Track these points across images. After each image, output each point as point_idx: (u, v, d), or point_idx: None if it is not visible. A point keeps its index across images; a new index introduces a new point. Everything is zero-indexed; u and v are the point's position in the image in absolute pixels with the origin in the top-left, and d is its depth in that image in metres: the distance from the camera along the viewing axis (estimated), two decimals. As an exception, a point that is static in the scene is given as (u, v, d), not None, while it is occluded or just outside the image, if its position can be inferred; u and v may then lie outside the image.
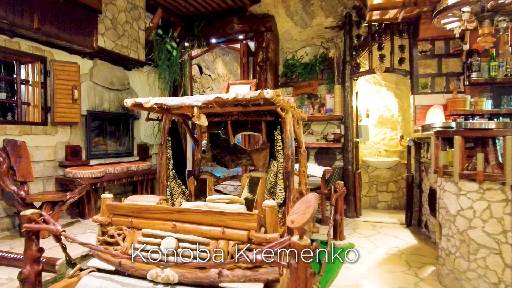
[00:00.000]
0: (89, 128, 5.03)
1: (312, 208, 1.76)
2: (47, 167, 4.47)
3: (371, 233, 4.69)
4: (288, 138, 3.09)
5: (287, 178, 3.09)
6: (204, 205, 2.45)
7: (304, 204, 1.84)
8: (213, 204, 2.45)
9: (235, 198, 2.58)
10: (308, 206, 1.78)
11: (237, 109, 3.36)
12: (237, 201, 2.59)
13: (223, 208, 2.41)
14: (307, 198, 1.86)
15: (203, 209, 2.42)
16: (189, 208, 2.47)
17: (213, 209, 2.40)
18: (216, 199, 2.61)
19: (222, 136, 4.36)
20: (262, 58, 6.02)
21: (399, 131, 6.75)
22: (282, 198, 3.15)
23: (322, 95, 6.07)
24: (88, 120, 4.99)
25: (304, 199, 1.88)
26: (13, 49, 4.08)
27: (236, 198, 2.59)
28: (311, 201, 1.80)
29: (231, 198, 2.58)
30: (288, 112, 3.13)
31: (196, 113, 2.85)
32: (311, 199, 1.82)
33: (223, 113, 4.11)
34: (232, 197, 2.59)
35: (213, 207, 2.43)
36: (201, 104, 2.82)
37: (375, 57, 5.47)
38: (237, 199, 2.59)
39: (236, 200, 2.58)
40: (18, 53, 4.15)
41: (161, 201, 2.68)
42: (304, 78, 6.11)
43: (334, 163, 6.06)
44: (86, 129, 4.98)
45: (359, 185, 5.67)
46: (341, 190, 4.08)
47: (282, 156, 3.19)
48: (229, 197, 2.59)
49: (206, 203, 2.46)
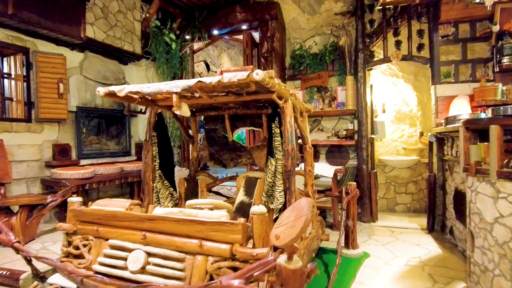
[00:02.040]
0: (80, 125, 4.68)
1: (304, 218, 1.30)
2: (32, 168, 4.14)
3: (389, 240, 4.16)
4: (287, 132, 2.62)
5: (287, 178, 2.62)
6: (179, 212, 2.01)
7: (294, 213, 1.37)
8: (190, 211, 2.00)
9: (220, 203, 2.13)
10: (299, 216, 1.32)
11: (229, 99, 2.90)
12: (222, 206, 2.14)
13: (202, 216, 1.97)
14: (299, 204, 1.40)
15: (177, 217, 1.98)
16: (161, 215, 2.04)
17: (189, 217, 1.96)
18: (195, 204, 2.17)
19: (220, 132, 3.92)
20: (267, 48, 5.56)
21: (418, 127, 6.17)
22: (281, 202, 2.68)
23: (333, 88, 5.55)
24: (78, 117, 4.65)
25: (295, 206, 1.42)
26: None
27: (221, 203, 2.13)
28: (303, 209, 1.34)
29: (215, 203, 2.13)
30: (287, 101, 2.67)
31: (175, 101, 2.42)
32: (303, 206, 1.36)
33: (219, 106, 3.68)
34: (216, 201, 2.14)
35: (189, 214, 1.99)
36: (180, 90, 2.39)
37: (391, 45, 4.93)
38: (222, 204, 2.14)
39: (220, 206, 2.13)
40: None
41: (132, 206, 2.25)
42: (313, 69, 5.61)
43: (347, 162, 5.54)
44: (76, 126, 4.64)
45: (375, 186, 5.12)
46: (354, 192, 3.57)
47: (281, 152, 2.72)
48: (212, 202, 2.14)
49: (182, 210, 2.02)
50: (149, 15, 5.57)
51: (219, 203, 2.10)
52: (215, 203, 2.09)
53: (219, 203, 2.10)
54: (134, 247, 2.08)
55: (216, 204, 2.09)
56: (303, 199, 1.46)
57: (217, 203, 2.10)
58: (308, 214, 1.31)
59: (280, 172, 2.70)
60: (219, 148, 3.91)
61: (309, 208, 1.35)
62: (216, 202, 2.11)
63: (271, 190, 2.77)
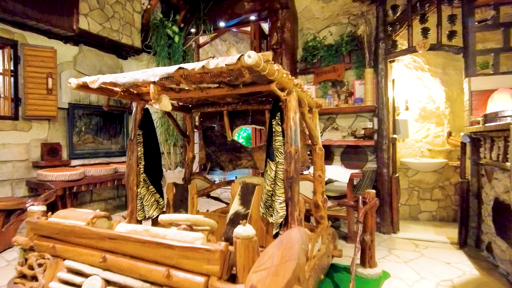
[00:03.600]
0: (72, 123, 4.34)
1: (294, 264, 0.83)
2: (17, 168, 3.81)
3: (413, 256, 3.60)
4: (291, 130, 2.15)
5: (290, 186, 2.14)
6: (144, 231, 1.57)
7: (280, 251, 0.91)
8: (158, 230, 1.56)
9: (199, 219, 1.68)
10: (287, 259, 0.85)
11: (224, 92, 2.45)
12: (202, 223, 1.69)
13: (171, 237, 1.52)
14: (288, 238, 0.94)
15: (140, 237, 1.54)
16: (122, 234, 1.61)
17: (155, 239, 1.52)
18: (169, 220, 1.72)
19: (218, 131, 3.48)
20: (277, 40, 5.08)
21: (446, 126, 5.55)
22: (282, 216, 2.21)
23: (350, 82, 5.01)
24: (70, 114, 4.30)
25: (283, 240, 0.96)
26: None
27: (201, 220, 1.68)
28: (293, 247, 0.88)
29: (193, 220, 1.68)
30: (291, 93, 2.19)
31: (152, 93, 1.99)
32: (294, 242, 0.90)
33: (216, 102, 3.24)
34: (195, 217, 1.69)
35: (156, 234, 1.55)
36: (158, 78, 1.96)
37: (416, 34, 4.35)
38: (202, 221, 1.68)
39: (200, 223, 1.68)
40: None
41: (95, 219, 1.83)
42: (328, 62, 5.08)
43: (364, 165, 4.99)
44: (68, 124, 4.30)
45: (397, 193, 4.56)
46: (372, 202, 3.05)
47: (283, 155, 2.25)
48: (188, 218, 1.69)
49: (147, 228, 1.58)
50: (151, 6, 5.20)
51: (199, 220, 1.65)
52: (193, 220, 1.65)
53: (198, 219, 1.65)
54: (91, 272, 1.66)
55: (195, 221, 1.65)
56: (295, 231, 1.00)
57: (196, 219, 1.65)
58: (299, 257, 0.84)
59: (281, 179, 2.23)
60: (216, 149, 3.47)
61: (301, 247, 0.88)
62: (195, 218, 1.66)
63: (270, 200, 2.30)
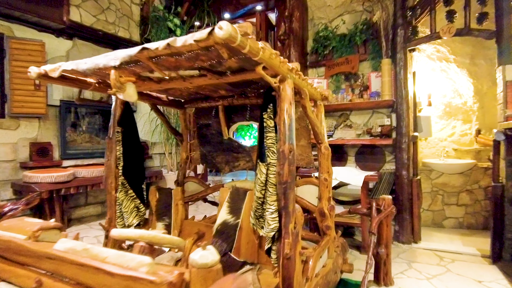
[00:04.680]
0: (65, 121, 4.09)
1: None
2: (3, 169, 3.58)
3: (437, 272, 3.13)
4: (284, 124, 1.76)
5: (283, 192, 1.76)
6: (83, 250, 1.22)
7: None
8: (100, 250, 1.21)
9: (156, 236, 1.31)
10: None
11: (208, 81, 2.08)
12: (160, 242, 1.33)
13: (113, 259, 1.17)
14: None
15: (78, 258, 1.20)
16: (59, 254, 1.27)
17: (93, 262, 1.17)
18: (119, 236, 1.37)
19: (214, 128, 3.12)
20: (284, 30, 4.68)
21: (474, 123, 5.00)
22: (274, 228, 1.82)
23: (365, 75, 4.56)
24: (62, 112, 4.05)
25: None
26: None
27: (158, 237, 1.32)
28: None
29: (148, 237, 1.31)
30: (285, 80, 1.80)
31: (113, 79, 1.65)
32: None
33: (211, 96, 2.89)
34: (151, 234, 1.32)
35: (95, 256, 1.19)
36: (119, 62, 1.62)
37: (440, 20, 3.87)
38: (159, 239, 1.32)
39: (157, 241, 1.32)
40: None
41: (39, 232, 1.50)
42: (340, 53, 4.64)
43: (382, 167, 4.52)
44: (60, 123, 4.05)
45: (418, 197, 4.07)
46: (388, 210, 2.61)
47: (276, 154, 1.86)
48: (142, 235, 1.32)
49: (88, 248, 1.23)
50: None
51: (156, 237, 1.29)
52: (148, 238, 1.29)
53: (154, 236, 1.29)
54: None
55: (150, 239, 1.29)
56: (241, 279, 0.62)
57: (152, 237, 1.29)
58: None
59: (273, 184, 1.84)
60: (211, 148, 3.11)
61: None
62: (150, 235, 1.30)
63: (260, 209, 1.92)
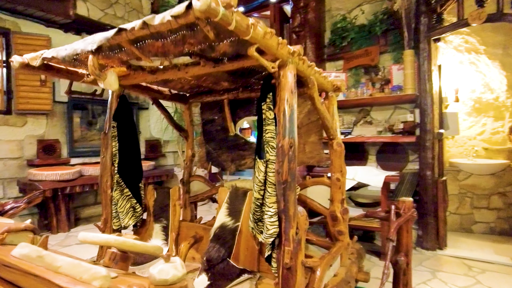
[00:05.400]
0: (72, 118, 4.02)
1: None
2: (9, 167, 3.54)
3: (465, 283, 2.81)
4: (284, 116, 1.55)
5: (283, 193, 1.54)
6: (37, 258, 1.05)
7: None
8: (53, 258, 1.03)
9: (125, 242, 1.13)
10: None
11: (204, 70, 1.90)
12: (131, 248, 1.14)
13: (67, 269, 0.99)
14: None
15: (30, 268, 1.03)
16: (13, 261, 1.11)
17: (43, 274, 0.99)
18: (84, 239, 1.19)
19: (219, 124, 2.94)
20: (300, 22, 4.44)
21: (507, 120, 4.56)
22: (273, 233, 1.60)
23: (386, 68, 4.24)
24: (70, 109, 3.98)
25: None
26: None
27: (128, 243, 1.13)
28: None
29: (115, 243, 1.13)
30: (285, 65, 1.59)
31: (91, 66, 1.48)
32: None
33: (215, 89, 2.71)
34: (118, 240, 1.13)
35: (49, 264, 1.02)
36: (96, 46, 1.45)
37: (469, 6, 3.51)
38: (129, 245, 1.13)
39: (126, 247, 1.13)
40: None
41: (4, 234, 1.35)
42: (359, 45, 4.35)
43: (405, 167, 4.20)
44: (68, 120, 3.98)
45: (444, 200, 3.73)
46: (408, 214, 2.33)
47: (275, 150, 1.64)
48: (108, 240, 1.14)
49: (43, 255, 1.06)
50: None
51: (126, 243, 1.10)
52: (115, 243, 1.11)
53: (123, 242, 1.11)
54: (-16, 313, 1.18)
55: (118, 245, 1.10)
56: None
57: (120, 242, 1.11)
58: None
59: (272, 183, 1.62)
60: (216, 146, 2.92)
61: None
62: (118, 241, 1.12)
63: (259, 211, 1.71)
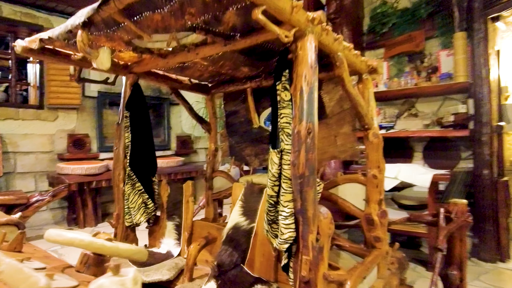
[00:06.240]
0: (102, 113, 4.01)
1: None
2: (40, 160, 3.58)
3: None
4: (301, 95, 1.29)
5: (299, 190, 1.28)
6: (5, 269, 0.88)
7: None
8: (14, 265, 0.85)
9: (94, 243, 0.93)
10: None
11: (215, 50, 1.69)
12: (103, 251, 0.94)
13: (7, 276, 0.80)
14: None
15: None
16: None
17: None
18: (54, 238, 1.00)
19: (242, 116, 2.72)
20: (335, 8, 4.10)
21: None
22: (288, 239, 1.33)
23: (433, 54, 3.77)
24: (100, 104, 3.98)
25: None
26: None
27: (98, 244, 0.93)
28: None
29: (86, 243, 0.93)
30: (303, 36, 1.32)
31: (80, 41, 1.32)
32: None
33: (236, 77, 2.49)
34: (91, 241, 0.93)
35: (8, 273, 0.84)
36: (85, 18, 1.28)
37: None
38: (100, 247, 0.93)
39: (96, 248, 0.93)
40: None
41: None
42: (402, 30, 3.92)
43: (456, 165, 3.71)
44: (97, 114, 3.98)
45: (506, 204, 3.21)
46: (460, 220, 1.94)
47: (290, 138, 1.37)
48: (82, 241, 0.94)
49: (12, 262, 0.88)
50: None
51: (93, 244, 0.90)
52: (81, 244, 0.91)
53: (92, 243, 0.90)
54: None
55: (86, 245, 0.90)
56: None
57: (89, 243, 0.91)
58: None
59: (287, 178, 1.36)
60: (240, 139, 2.70)
61: None
62: (87, 241, 0.92)
63: (273, 211, 1.45)
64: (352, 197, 2.20)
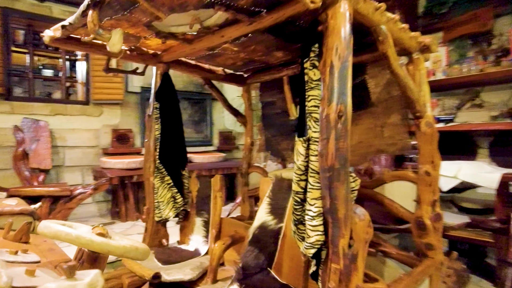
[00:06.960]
0: (145, 108, 4.07)
1: None
2: (86, 154, 3.71)
3: None
4: (332, 72, 1.09)
5: (328, 185, 1.08)
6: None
7: None
8: None
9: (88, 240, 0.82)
10: None
11: (242, 30, 1.55)
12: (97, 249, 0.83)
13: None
14: None
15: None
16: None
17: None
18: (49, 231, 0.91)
19: (279, 107, 2.54)
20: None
21: None
22: (315, 243, 1.13)
23: (504, 34, 3.26)
24: (143, 99, 4.04)
25: None
26: (44, 15, 3.43)
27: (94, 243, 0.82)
28: None
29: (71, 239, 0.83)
30: (333, 3, 1.11)
31: (90, 22, 1.24)
32: None
33: (271, 64, 2.32)
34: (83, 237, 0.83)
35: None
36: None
37: None
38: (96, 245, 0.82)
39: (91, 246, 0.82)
40: (51, 20, 3.49)
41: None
42: (465, 8, 3.44)
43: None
44: (141, 109, 4.05)
45: None
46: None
47: (319, 124, 1.17)
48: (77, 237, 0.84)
49: None
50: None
51: (80, 238, 0.79)
52: (72, 239, 0.80)
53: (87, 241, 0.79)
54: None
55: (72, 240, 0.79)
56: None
57: (74, 237, 0.80)
58: None
59: (314, 171, 1.16)
60: (276, 132, 2.53)
61: None
62: (75, 235, 0.81)
63: (300, 210, 1.25)
64: (401, 198, 1.93)
